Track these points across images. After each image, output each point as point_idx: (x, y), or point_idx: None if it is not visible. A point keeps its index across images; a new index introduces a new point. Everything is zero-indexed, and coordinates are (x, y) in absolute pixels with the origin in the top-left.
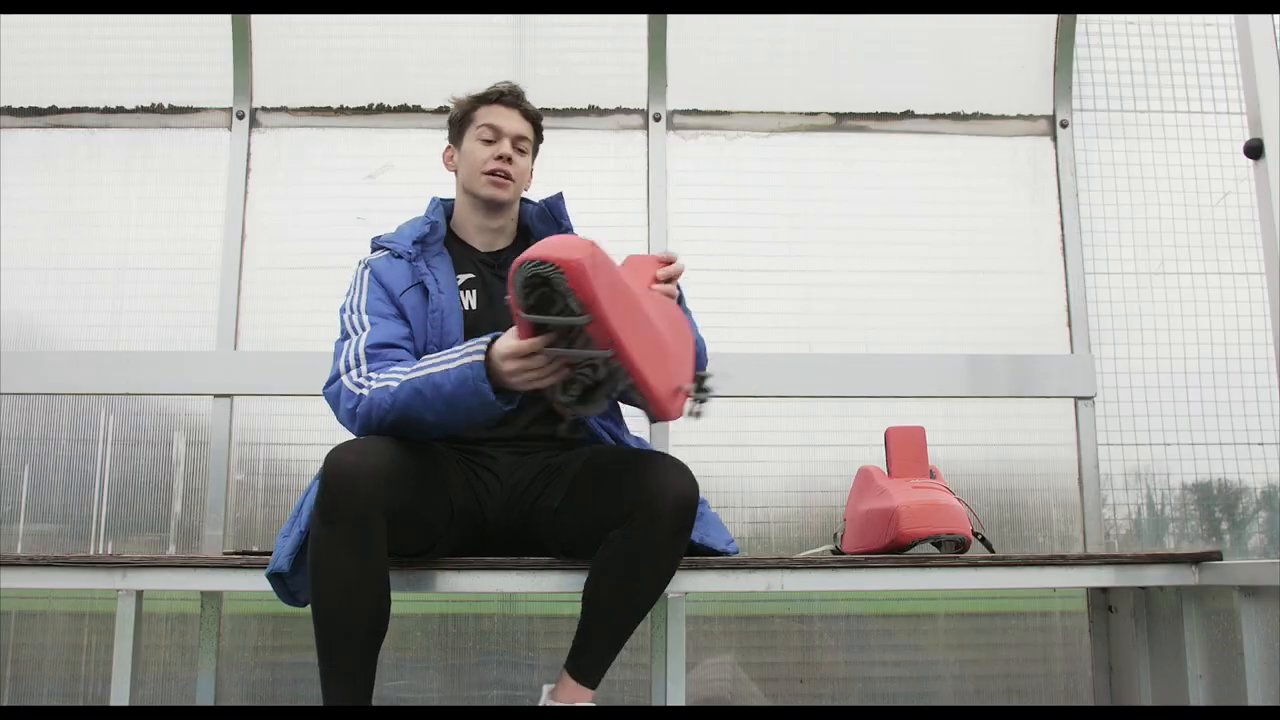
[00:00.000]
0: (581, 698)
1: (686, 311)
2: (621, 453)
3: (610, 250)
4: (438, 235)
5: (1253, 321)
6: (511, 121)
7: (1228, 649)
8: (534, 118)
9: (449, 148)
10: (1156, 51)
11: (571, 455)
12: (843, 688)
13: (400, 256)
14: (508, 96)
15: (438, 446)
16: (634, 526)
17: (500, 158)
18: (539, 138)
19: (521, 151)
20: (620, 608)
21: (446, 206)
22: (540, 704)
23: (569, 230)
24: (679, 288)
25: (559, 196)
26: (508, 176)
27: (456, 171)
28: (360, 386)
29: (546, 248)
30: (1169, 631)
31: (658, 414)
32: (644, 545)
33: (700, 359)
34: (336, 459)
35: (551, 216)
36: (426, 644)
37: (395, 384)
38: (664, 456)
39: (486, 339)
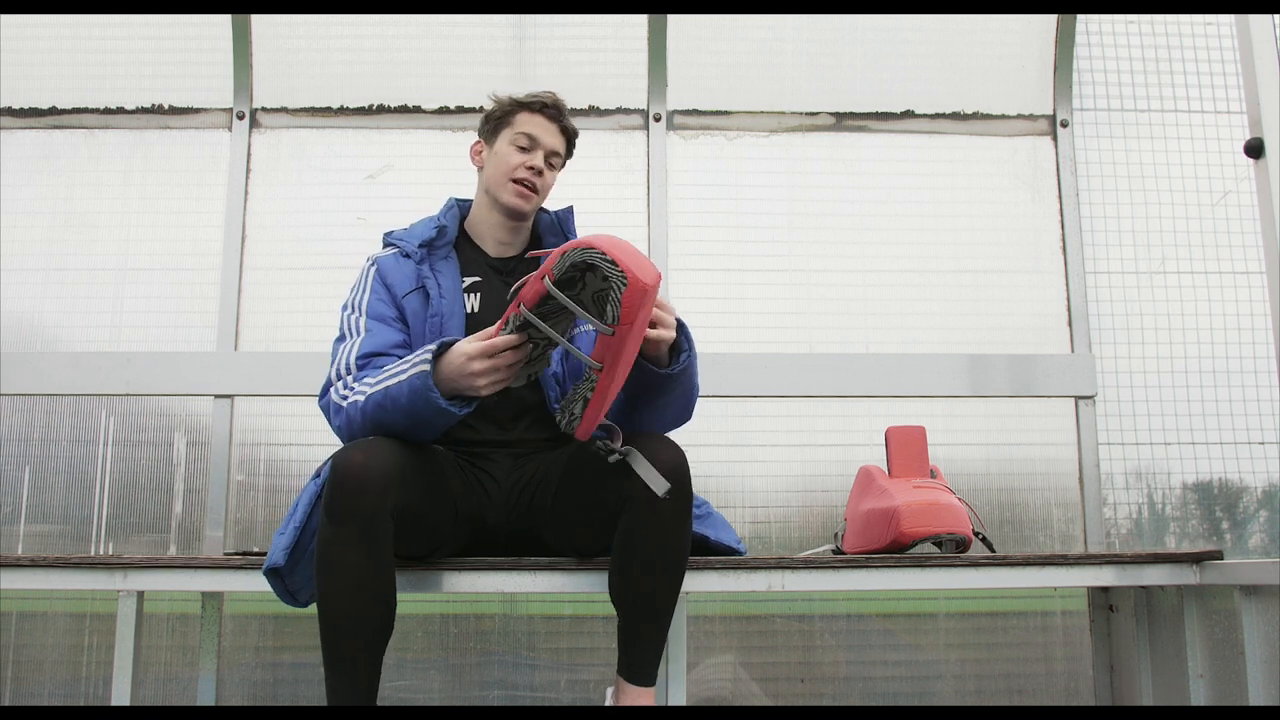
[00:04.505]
0: (643, 699)
1: (688, 340)
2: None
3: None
4: (445, 239)
5: (1253, 321)
6: (550, 135)
7: (1228, 649)
8: (571, 135)
9: (479, 142)
10: (1156, 51)
11: (558, 452)
12: (843, 687)
13: (408, 256)
14: (551, 109)
15: (439, 450)
16: (637, 508)
17: (531, 168)
18: (570, 154)
19: (551, 166)
20: (652, 591)
21: (462, 208)
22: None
23: None
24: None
25: (569, 210)
26: (534, 189)
27: (482, 169)
28: (344, 399)
29: (624, 253)
30: (1170, 631)
31: (578, 433)
32: (651, 521)
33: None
34: (345, 458)
35: (560, 229)
36: (428, 644)
37: (361, 398)
38: (648, 434)
39: (433, 347)
